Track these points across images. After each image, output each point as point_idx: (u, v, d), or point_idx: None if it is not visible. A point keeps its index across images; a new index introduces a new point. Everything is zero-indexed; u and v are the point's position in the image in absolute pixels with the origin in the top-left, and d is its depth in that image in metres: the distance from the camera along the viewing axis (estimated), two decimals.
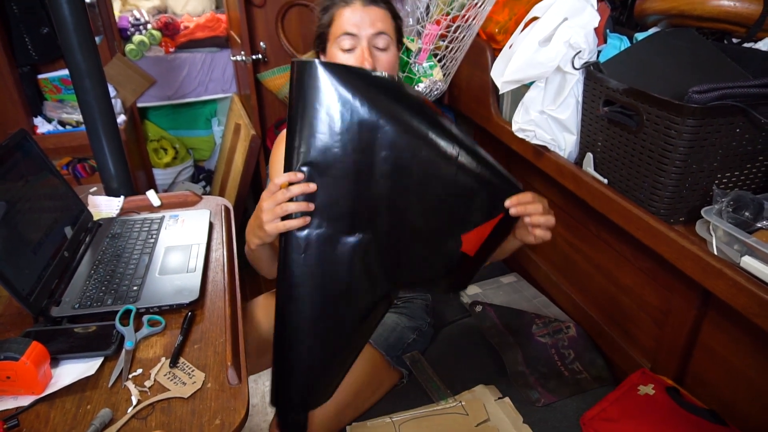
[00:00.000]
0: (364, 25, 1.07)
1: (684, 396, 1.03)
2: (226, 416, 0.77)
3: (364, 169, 0.85)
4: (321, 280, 0.89)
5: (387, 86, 0.85)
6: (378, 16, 1.08)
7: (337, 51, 1.09)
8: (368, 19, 1.07)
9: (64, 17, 1.27)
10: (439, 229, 0.92)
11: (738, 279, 0.82)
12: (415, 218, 0.90)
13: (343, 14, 1.07)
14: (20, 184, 1.03)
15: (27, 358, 0.77)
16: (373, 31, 1.07)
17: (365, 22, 1.07)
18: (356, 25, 1.07)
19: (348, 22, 1.07)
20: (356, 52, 1.08)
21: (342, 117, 0.82)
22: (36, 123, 2.26)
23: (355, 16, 1.07)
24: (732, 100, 0.86)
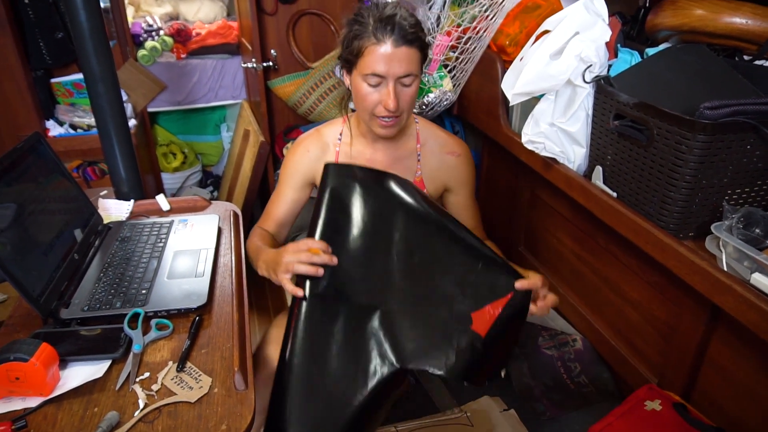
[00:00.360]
0: (392, 68, 1.07)
1: (691, 412, 1.02)
2: (233, 422, 0.77)
3: (379, 246, 0.99)
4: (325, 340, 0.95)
5: (399, 180, 1.04)
6: (407, 57, 1.08)
7: (362, 83, 1.11)
8: (397, 61, 1.07)
9: (80, 22, 1.29)
10: (448, 304, 0.96)
11: (747, 295, 0.82)
12: (424, 293, 0.97)
13: (374, 53, 1.06)
14: (32, 187, 1.05)
15: (36, 359, 0.78)
16: (401, 73, 1.08)
17: (394, 64, 1.07)
18: (386, 66, 1.07)
19: (378, 63, 1.07)
20: (382, 90, 1.10)
21: (364, 204, 1.02)
22: (48, 126, 2.28)
23: (385, 57, 1.06)
24: (743, 116, 0.87)
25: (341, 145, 1.28)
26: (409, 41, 1.07)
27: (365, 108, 1.14)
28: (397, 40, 1.06)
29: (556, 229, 1.47)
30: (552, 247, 1.50)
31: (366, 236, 1.00)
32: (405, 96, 1.11)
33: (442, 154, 1.27)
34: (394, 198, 1.03)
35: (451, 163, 1.27)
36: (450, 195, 1.31)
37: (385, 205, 1.02)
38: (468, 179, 1.30)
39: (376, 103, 1.12)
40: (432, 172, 1.27)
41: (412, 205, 1.02)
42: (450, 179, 1.28)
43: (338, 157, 1.28)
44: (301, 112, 2.35)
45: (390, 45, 1.06)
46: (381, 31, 1.06)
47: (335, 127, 1.30)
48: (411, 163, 1.27)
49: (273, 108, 2.40)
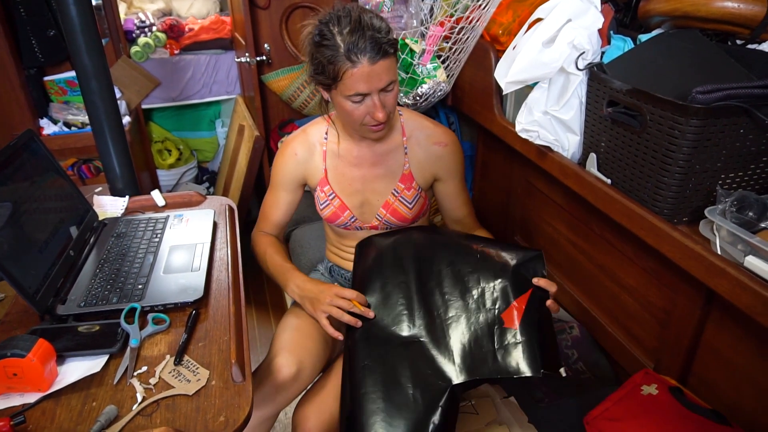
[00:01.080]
0: (373, 83, 1.06)
1: (687, 396, 1.03)
2: (230, 413, 0.78)
3: (409, 285, 1.09)
4: (381, 377, 0.99)
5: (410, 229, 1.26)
6: (385, 68, 1.06)
7: (346, 102, 1.10)
8: (377, 76, 1.05)
9: (71, 19, 1.28)
10: (479, 315, 1.04)
11: (742, 278, 0.82)
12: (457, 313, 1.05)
13: (353, 75, 1.04)
14: (27, 185, 1.04)
15: (33, 355, 0.78)
16: (383, 85, 1.07)
17: (374, 80, 1.05)
18: (367, 85, 1.06)
19: (359, 83, 1.05)
20: (368, 103, 1.09)
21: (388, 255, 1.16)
22: (42, 124, 2.27)
23: (365, 77, 1.05)
24: (736, 100, 0.87)
25: (327, 144, 1.28)
26: (384, 53, 1.05)
27: (354, 122, 1.14)
28: (372, 57, 1.03)
29: (551, 218, 1.47)
30: (548, 236, 1.51)
31: (396, 282, 1.11)
32: (389, 101, 1.11)
33: (429, 145, 1.27)
34: (411, 239, 1.19)
35: (439, 154, 1.27)
36: (440, 184, 1.31)
37: (405, 248, 1.16)
38: (456, 168, 1.30)
39: (363, 116, 1.12)
40: (420, 164, 1.27)
41: (426, 237, 1.18)
42: (439, 169, 1.28)
43: (325, 156, 1.27)
44: (295, 106, 2.34)
45: (366, 64, 1.03)
46: (353, 52, 1.03)
47: (320, 127, 1.30)
48: (398, 156, 1.27)
49: (267, 102, 2.40)
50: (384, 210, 1.27)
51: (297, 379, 1.13)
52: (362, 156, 1.27)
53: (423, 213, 1.32)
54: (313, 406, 1.11)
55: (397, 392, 0.96)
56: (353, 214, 1.28)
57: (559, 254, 1.46)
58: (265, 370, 1.13)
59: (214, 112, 3.25)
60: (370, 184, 1.27)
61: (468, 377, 0.96)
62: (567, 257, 1.43)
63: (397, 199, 1.27)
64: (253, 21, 2.20)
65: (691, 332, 1.04)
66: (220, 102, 3.15)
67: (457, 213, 1.36)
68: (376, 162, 1.27)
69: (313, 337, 1.19)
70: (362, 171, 1.27)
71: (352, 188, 1.28)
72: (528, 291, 1.05)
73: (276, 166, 1.32)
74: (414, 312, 1.06)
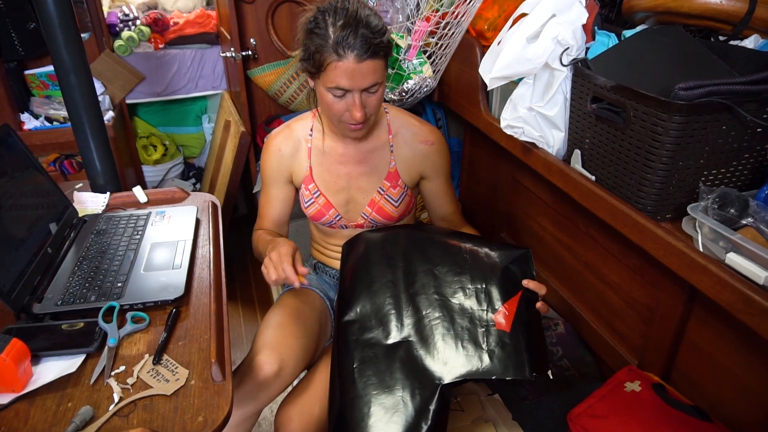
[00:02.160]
0: (356, 81, 1.05)
1: (670, 393, 1.03)
2: (209, 413, 0.77)
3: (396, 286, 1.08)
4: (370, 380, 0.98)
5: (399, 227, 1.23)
6: (371, 70, 1.05)
7: (327, 94, 1.09)
8: (361, 75, 1.04)
9: (48, 12, 1.26)
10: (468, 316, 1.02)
11: (723, 275, 0.82)
12: (445, 314, 1.03)
13: (337, 68, 1.03)
14: (3, 181, 1.02)
15: (6, 355, 0.76)
16: (366, 85, 1.06)
17: (357, 78, 1.04)
18: (350, 81, 1.04)
19: (341, 78, 1.04)
20: (348, 101, 1.08)
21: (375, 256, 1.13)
22: (23, 119, 2.24)
23: (348, 73, 1.03)
24: (718, 97, 0.87)
25: (313, 140, 1.27)
26: (372, 53, 1.03)
27: (332, 116, 1.13)
28: (360, 55, 1.02)
29: (537, 214, 1.47)
30: (533, 232, 1.51)
31: (384, 281, 1.09)
32: (371, 102, 1.10)
33: (416, 143, 1.26)
34: (398, 237, 1.17)
35: (425, 152, 1.26)
36: (426, 183, 1.30)
37: (393, 246, 1.15)
38: (442, 166, 1.29)
39: (342, 112, 1.10)
40: (406, 162, 1.26)
41: (414, 236, 1.16)
42: (425, 168, 1.28)
43: (310, 153, 1.26)
44: (282, 101, 2.32)
45: (353, 60, 1.02)
46: (342, 46, 1.01)
47: (305, 122, 1.29)
48: (384, 154, 1.26)
49: (253, 98, 2.38)
50: (369, 208, 1.27)
51: (279, 376, 1.11)
52: (347, 153, 1.26)
53: (409, 211, 1.32)
54: (297, 407, 1.10)
55: (387, 395, 0.95)
56: (338, 213, 1.27)
57: (545, 251, 1.46)
58: (247, 367, 1.12)
59: (201, 108, 3.22)
60: (356, 181, 1.26)
61: (457, 377, 0.95)
62: (552, 254, 1.43)
63: (382, 197, 1.26)
64: (238, 15, 2.17)
65: (674, 329, 1.04)
66: (207, 97, 3.11)
67: (443, 210, 1.35)
68: (362, 160, 1.26)
69: (296, 335, 1.18)
70: (347, 168, 1.26)
71: (337, 186, 1.27)
72: (518, 293, 1.05)
73: (263, 163, 1.31)
74: (402, 311, 1.04)
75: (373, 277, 1.10)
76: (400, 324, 1.03)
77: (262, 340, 1.17)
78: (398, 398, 0.94)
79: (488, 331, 0.99)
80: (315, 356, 1.26)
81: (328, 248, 1.37)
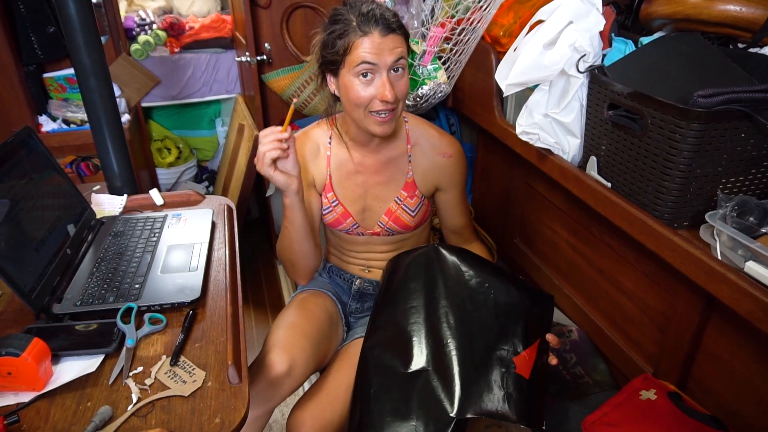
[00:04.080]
0: (383, 55, 1.06)
1: (686, 402, 1.02)
2: (226, 415, 0.77)
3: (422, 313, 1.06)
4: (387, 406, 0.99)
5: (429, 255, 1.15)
6: (396, 43, 1.07)
7: (354, 79, 1.09)
8: (387, 49, 1.06)
9: (70, 16, 1.28)
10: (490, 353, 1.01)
11: (742, 284, 0.81)
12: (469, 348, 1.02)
13: (363, 44, 1.06)
14: (24, 182, 1.04)
15: (28, 354, 0.77)
16: (392, 60, 1.07)
17: (385, 51, 1.06)
18: (377, 55, 1.06)
19: (368, 52, 1.05)
20: (376, 83, 1.08)
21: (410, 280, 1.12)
22: (41, 121, 2.27)
23: (375, 46, 1.06)
24: (737, 104, 0.86)
25: (332, 148, 1.27)
26: (394, 29, 1.07)
27: (360, 104, 1.11)
28: (383, 30, 1.06)
29: (551, 221, 1.47)
30: (547, 239, 1.50)
31: (407, 307, 1.08)
32: (399, 86, 1.10)
33: (434, 156, 1.26)
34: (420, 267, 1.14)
35: (443, 165, 1.26)
36: (441, 194, 1.30)
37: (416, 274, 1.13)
38: (459, 179, 1.29)
39: (371, 98, 1.09)
40: (423, 174, 1.26)
41: (448, 271, 1.12)
42: (441, 180, 1.27)
43: (329, 162, 1.26)
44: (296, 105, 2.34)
45: (377, 35, 1.05)
46: (365, 24, 1.05)
47: (323, 131, 1.28)
48: (402, 164, 1.26)
49: (267, 102, 2.39)
50: (386, 217, 1.26)
51: (289, 375, 1.12)
52: (365, 163, 1.26)
53: (425, 219, 1.32)
54: (309, 411, 1.11)
55: (401, 424, 0.96)
56: (355, 221, 1.27)
57: (559, 257, 1.46)
58: (257, 367, 1.12)
59: (214, 111, 3.24)
60: (372, 190, 1.26)
61: (473, 414, 0.95)
62: (566, 260, 1.42)
63: (399, 207, 1.26)
64: (253, 20, 2.19)
65: (691, 337, 1.04)
66: (221, 101, 3.14)
67: (455, 222, 1.35)
68: (379, 169, 1.26)
69: (307, 336, 1.19)
70: (364, 177, 1.26)
71: (354, 195, 1.27)
72: (537, 341, 1.05)
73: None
74: (423, 340, 1.04)
75: (398, 303, 1.10)
76: (420, 352, 1.03)
77: (273, 339, 1.17)
78: (411, 427, 0.95)
79: (509, 372, 0.99)
80: (327, 359, 1.26)
81: (344, 253, 1.38)
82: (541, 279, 1.56)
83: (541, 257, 1.56)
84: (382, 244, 1.32)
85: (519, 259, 1.68)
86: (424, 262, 1.13)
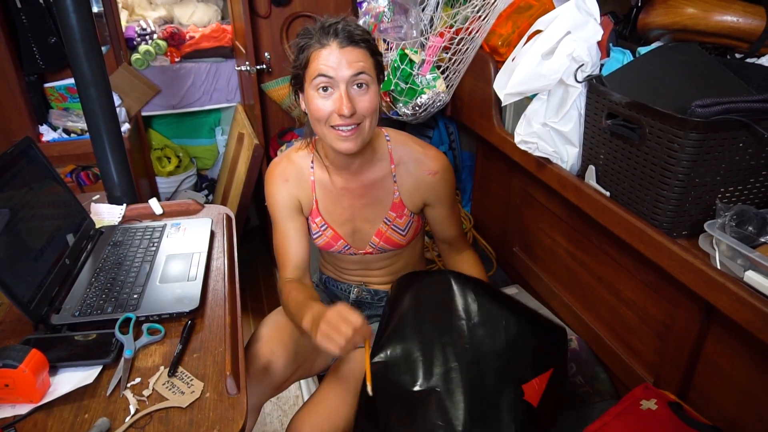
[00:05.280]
0: (341, 67, 1.01)
1: (687, 412, 1.02)
2: (224, 426, 0.77)
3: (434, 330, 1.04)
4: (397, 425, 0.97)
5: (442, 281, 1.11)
6: (356, 57, 1.02)
7: (313, 93, 1.05)
8: (345, 60, 1.01)
9: (71, 27, 1.28)
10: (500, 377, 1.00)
11: (741, 293, 0.81)
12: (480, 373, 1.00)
13: (320, 55, 1.02)
14: (24, 192, 1.04)
15: (26, 366, 0.77)
16: (350, 73, 1.02)
17: (342, 64, 1.01)
18: (333, 67, 1.01)
19: (324, 63, 1.01)
20: (334, 96, 1.03)
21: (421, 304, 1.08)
22: (42, 131, 2.28)
23: (332, 58, 1.01)
24: (735, 114, 0.87)
25: (315, 172, 1.23)
26: (355, 42, 1.03)
27: (320, 119, 1.06)
28: (342, 41, 1.02)
29: (550, 229, 1.47)
30: (546, 247, 1.50)
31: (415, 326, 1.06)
32: (362, 102, 1.04)
33: (420, 173, 1.21)
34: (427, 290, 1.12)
35: (430, 182, 1.22)
36: (430, 209, 1.26)
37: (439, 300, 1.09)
38: (447, 194, 1.25)
39: (330, 113, 1.04)
40: (410, 192, 1.23)
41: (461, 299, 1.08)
42: (429, 197, 1.24)
43: (314, 186, 1.23)
44: (295, 114, 2.35)
45: (335, 46, 1.02)
46: (324, 36, 1.02)
47: (305, 155, 1.24)
48: (387, 185, 1.22)
49: (267, 111, 2.40)
50: (377, 238, 1.24)
51: (268, 369, 1.13)
52: (348, 187, 1.22)
53: (417, 234, 1.30)
54: (308, 422, 1.10)
55: None
56: (347, 242, 1.26)
57: (558, 265, 1.46)
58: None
59: (214, 120, 3.26)
60: (360, 213, 1.24)
61: None
62: (566, 269, 1.42)
63: (389, 228, 1.24)
64: (253, 30, 2.20)
65: (691, 346, 1.03)
66: (220, 110, 3.15)
67: (446, 234, 1.32)
68: (364, 193, 1.22)
69: (290, 331, 1.20)
70: (350, 201, 1.23)
71: (342, 218, 1.24)
72: (549, 370, 1.03)
73: (271, 197, 1.24)
74: (431, 360, 1.01)
75: (405, 322, 1.07)
76: (428, 372, 1.00)
77: (254, 336, 1.20)
78: None
79: (518, 399, 0.97)
80: (316, 361, 1.27)
81: (339, 268, 1.36)
82: (540, 287, 1.56)
83: (540, 265, 1.56)
84: (376, 261, 1.31)
85: (518, 267, 1.68)
86: (437, 288, 1.10)
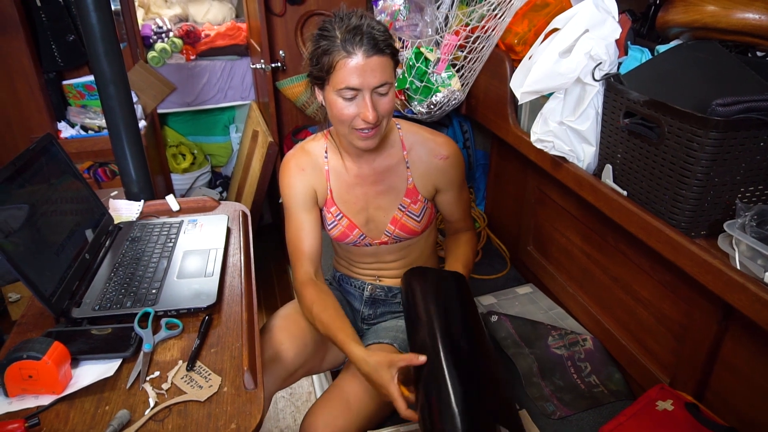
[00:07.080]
0: (366, 79, 1.03)
1: (704, 413, 1.01)
2: (242, 420, 0.78)
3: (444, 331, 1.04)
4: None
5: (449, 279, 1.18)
6: (380, 66, 1.04)
7: (337, 98, 1.07)
8: (370, 71, 1.03)
9: (91, 25, 1.30)
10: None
11: (762, 294, 0.81)
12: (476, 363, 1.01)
13: (346, 66, 1.03)
14: (45, 188, 1.06)
15: (49, 357, 0.78)
16: (375, 83, 1.04)
17: (367, 75, 1.03)
18: (359, 80, 1.03)
19: (351, 76, 1.03)
20: (358, 102, 1.06)
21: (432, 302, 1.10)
22: (60, 128, 2.31)
23: (358, 70, 1.02)
24: (757, 113, 0.85)
25: (329, 162, 1.25)
26: (380, 50, 1.03)
27: (343, 122, 1.09)
28: (368, 51, 1.02)
29: (565, 228, 1.46)
30: (561, 246, 1.49)
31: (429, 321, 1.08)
32: (382, 105, 1.08)
33: (431, 159, 1.24)
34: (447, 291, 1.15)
35: (441, 167, 1.24)
36: (441, 194, 1.29)
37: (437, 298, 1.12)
38: (458, 178, 1.27)
39: (353, 117, 1.08)
40: (423, 178, 1.25)
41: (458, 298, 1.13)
42: (440, 181, 1.26)
43: (329, 176, 1.25)
44: (309, 112, 2.35)
45: (361, 56, 1.02)
46: (350, 43, 1.02)
47: (320, 144, 1.27)
48: (400, 171, 1.24)
49: (281, 109, 2.41)
50: (393, 226, 1.26)
51: (277, 359, 1.15)
52: (362, 174, 1.24)
53: (431, 222, 1.31)
54: (321, 417, 1.11)
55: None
56: (362, 232, 1.27)
57: (573, 265, 1.45)
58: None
59: (229, 118, 3.28)
60: (374, 201, 1.25)
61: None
62: (580, 268, 1.42)
63: (404, 214, 1.25)
64: (268, 28, 2.22)
65: (708, 347, 1.02)
66: (235, 107, 3.17)
67: (453, 217, 1.34)
68: (378, 180, 1.24)
69: (302, 326, 1.22)
70: (364, 189, 1.25)
71: (356, 206, 1.26)
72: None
73: (286, 188, 1.25)
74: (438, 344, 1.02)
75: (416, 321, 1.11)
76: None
77: (265, 326, 1.22)
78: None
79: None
80: (328, 354, 1.29)
81: (353, 264, 1.37)
82: (554, 286, 1.56)
83: (554, 265, 1.56)
84: (390, 252, 1.31)
85: (532, 266, 1.67)
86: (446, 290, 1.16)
